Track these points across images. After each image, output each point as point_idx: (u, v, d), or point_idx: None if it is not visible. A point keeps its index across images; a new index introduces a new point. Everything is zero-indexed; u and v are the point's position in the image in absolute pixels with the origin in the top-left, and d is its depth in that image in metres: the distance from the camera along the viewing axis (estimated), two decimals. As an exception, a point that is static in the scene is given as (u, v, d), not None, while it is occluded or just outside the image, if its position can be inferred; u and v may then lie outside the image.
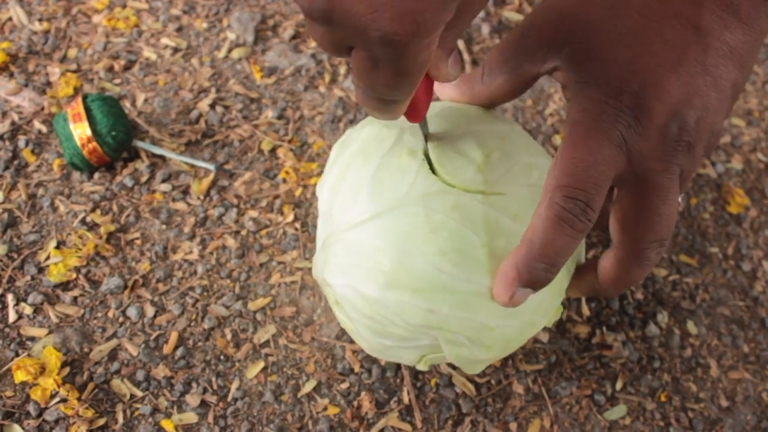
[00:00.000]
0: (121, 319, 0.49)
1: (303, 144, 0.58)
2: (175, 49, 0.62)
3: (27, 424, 0.44)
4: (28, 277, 0.49)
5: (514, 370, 0.49)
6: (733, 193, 0.59)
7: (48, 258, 0.50)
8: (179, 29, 0.64)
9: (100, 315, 0.49)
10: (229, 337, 0.49)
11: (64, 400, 0.45)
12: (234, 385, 0.47)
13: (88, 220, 0.52)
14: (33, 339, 0.47)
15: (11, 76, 0.59)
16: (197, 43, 0.63)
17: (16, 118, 0.56)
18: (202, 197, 0.54)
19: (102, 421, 0.45)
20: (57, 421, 0.44)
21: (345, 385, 0.47)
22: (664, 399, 0.49)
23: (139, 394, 0.46)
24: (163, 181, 0.55)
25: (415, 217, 0.35)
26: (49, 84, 0.59)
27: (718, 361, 0.52)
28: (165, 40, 0.62)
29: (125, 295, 0.49)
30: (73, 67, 0.60)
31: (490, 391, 0.48)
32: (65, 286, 0.49)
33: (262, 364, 0.48)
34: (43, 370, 0.45)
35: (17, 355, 0.46)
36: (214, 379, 0.47)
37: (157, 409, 0.46)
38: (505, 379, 0.49)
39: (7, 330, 0.47)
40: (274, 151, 0.57)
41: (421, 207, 0.35)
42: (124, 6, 0.64)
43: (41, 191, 0.53)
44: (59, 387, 0.45)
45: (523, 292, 0.33)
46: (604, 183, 0.31)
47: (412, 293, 0.35)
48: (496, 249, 0.35)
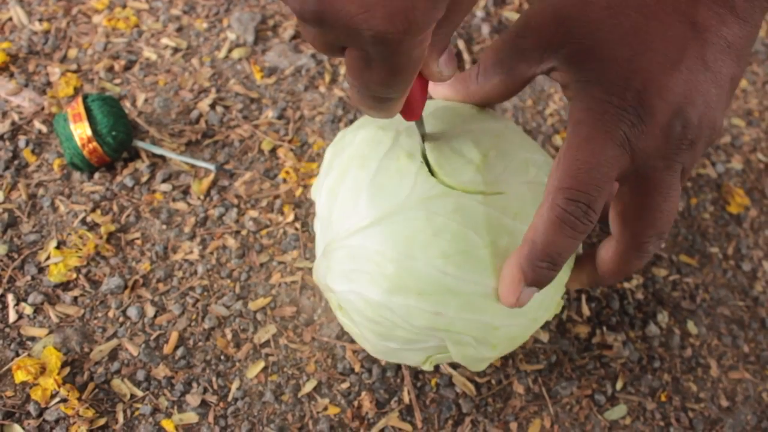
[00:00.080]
0: (121, 319, 0.49)
1: (303, 144, 0.58)
2: (176, 49, 0.62)
3: (27, 424, 0.44)
4: (29, 277, 0.49)
5: (515, 370, 0.49)
6: (733, 193, 0.59)
7: (48, 258, 0.50)
8: (179, 29, 0.64)
9: (100, 315, 0.49)
10: (229, 336, 0.49)
11: (64, 400, 0.45)
12: (234, 385, 0.47)
13: (89, 220, 0.52)
14: (33, 339, 0.47)
15: (11, 76, 0.59)
16: (197, 43, 0.63)
17: (16, 118, 0.56)
18: (202, 197, 0.54)
19: (102, 421, 0.45)
20: (57, 421, 0.44)
21: (345, 385, 0.47)
22: (664, 399, 0.49)
23: (139, 394, 0.46)
24: (164, 181, 0.55)
25: (417, 220, 0.35)
26: (49, 84, 0.59)
27: (718, 361, 0.52)
28: (165, 40, 0.62)
29: (125, 295, 0.49)
30: (74, 67, 0.60)
31: (490, 391, 0.48)
32: (65, 286, 0.49)
33: (262, 364, 0.48)
34: (43, 370, 0.45)
35: (17, 355, 0.46)
36: (214, 378, 0.47)
37: (157, 409, 0.46)
38: (506, 378, 0.49)
39: (7, 330, 0.47)
40: (274, 151, 0.57)
41: (422, 210, 0.35)
42: (124, 6, 0.64)
43: (41, 191, 0.53)
44: (59, 387, 0.45)
45: (528, 292, 0.33)
46: (607, 185, 0.31)
47: (417, 297, 0.35)
48: (498, 249, 0.35)
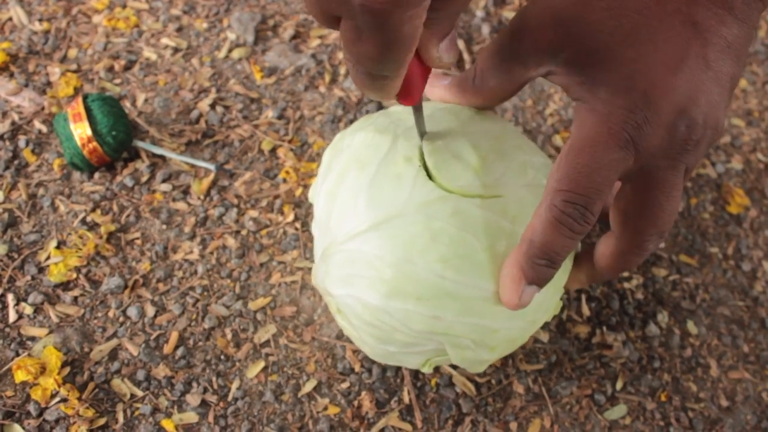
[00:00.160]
0: (121, 318, 0.49)
1: (303, 144, 0.58)
2: (176, 49, 0.62)
3: (27, 424, 0.44)
4: (29, 277, 0.49)
5: (515, 370, 0.49)
6: (733, 193, 0.59)
7: (48, 258, 0.50)
8: (179, 29, 0.64)
9: (100, 315, 0.49)
10: (229, 336, 0.49)
11: (64, 400, 0.45)
12: (234, 385, 0.47)
13: (89, 219, 0.52)
14: (33, 339, 0.47)
15: (11, 76, 0.59)
16: (197, 43, 0.63)
17: (16, 118, 0.57)
18: (202, 197, 0.54)
19: (102, 421, 0.45)
20: (57, 421, 0.44)
21: (345, 385, 0.47)
22: (664, 399, 0.49)
23: (139, 393, 0.46)
24: (164, 181, 0.55)
25: (415, 225, 0.34)
26: (49, 84, 0.59)
27: (718, 361, 0.52)
28: (165, 40, 0.62)
29: (125, 295, 0.49)
30: (74, 67, 0.60)
31: (490, 391, 0.48)
32: (65, 286, 0.49)
33: (262, 364, 0.48)
34: (43, 370, 0.45)
35: (17, 354, 0.46)
36: (214, 378, 0.47)
37: (157, 409, 0.46)
38: (506, 378, 0.49)
39: (7, 330, 0.47)
40: (274, 151, 0.57)
41: (420, 215, 0.35)
42: (124, 6, 0.64)
43: (41, 191, 0.53)
44: (60, 387, 0.45)
45: (529, 291, 0.33)
46: (607, 188, 0.31)
47: (416, 301, 0.35)
48: (497, 252, 0.35)
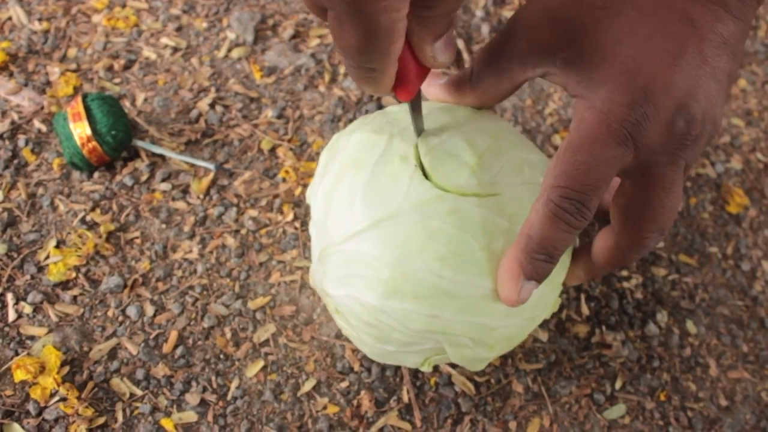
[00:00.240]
0: (120, 318, 0.49)
1: (303, 143, 0.58)
2: (175, 49, 0.62)
3: (27, 423, 0.44)
4: (28, 276, 0.49)
5: (514, 370, 0.49)
6: (733, 193, 0.59)
7: (48, 257, 0.50)
8: (179, 29, 0.64)
9: (99, 314, 0.49)
10: (228, 336, 0.49)
11: (63, 399, 0.45)
12: (234, 384, 0.47)
13: (88, 219, 0.52)
14: (33, 338, 0.47)
15: (11, 75, 0.59)
16: (197, 42, 0.63)
17: (15, 117, 0.57)
18: (201, 196, 0.54)
19: (102, 420, 0.45)
20: (57, 420, 0.44)
21: (345, 384, 0.47)
22: (663, 398, 0.49)
23: (138, 392, 0.46)
24: (163, 180, 0.55)
25: (412, 224, 0.34)
26: (48, 83, 0.59)
27: (717, 360, 0.52)
28: (165, 40, 0.63)
29: (125, 294, 0.49)
30: (73, 66, 0.60)
31: (489, 390, 0.48)
32: (65, 285, 0.49)
33: (261, 363, 0.48)
34: (42, 369, 0.45)
35: (17, 354, 0.46)
36: (213, 377, 0.47)
37: (156, 408, 0.46)
38: (505, 378, 0.49)
39: (6, 329, 0.47)
40: (273, 150, 0.57)
41: (417, 214, 0.34)
42: (124, 6, 0.64)
43: (41, 190, 0.53)
44: (59, 386, 0.45)
45: (528, 287, 0.33)
46: (604, 184, 0.31)
47: (414, 300, 0.35)
48: (494, 251, 0.35)
